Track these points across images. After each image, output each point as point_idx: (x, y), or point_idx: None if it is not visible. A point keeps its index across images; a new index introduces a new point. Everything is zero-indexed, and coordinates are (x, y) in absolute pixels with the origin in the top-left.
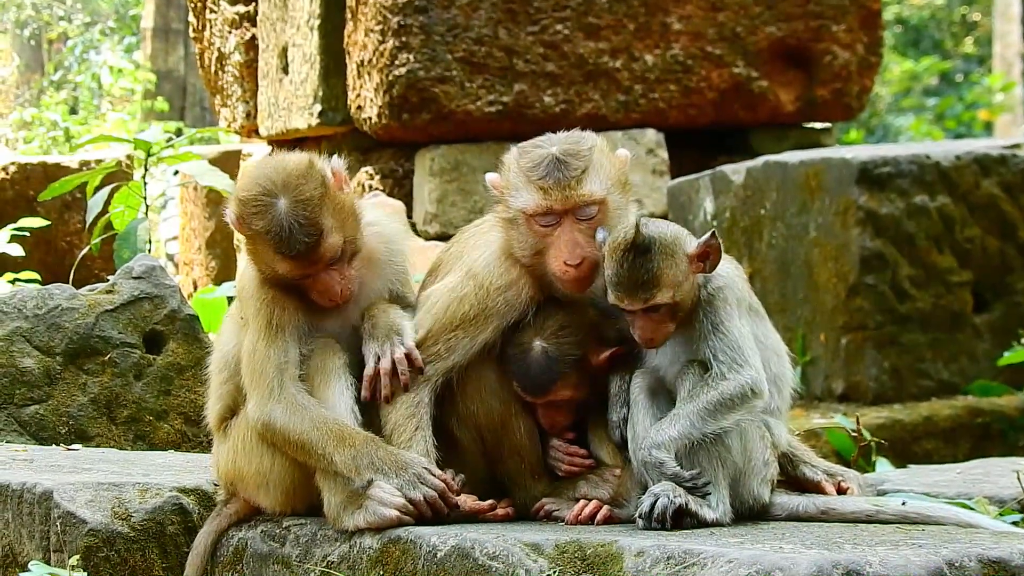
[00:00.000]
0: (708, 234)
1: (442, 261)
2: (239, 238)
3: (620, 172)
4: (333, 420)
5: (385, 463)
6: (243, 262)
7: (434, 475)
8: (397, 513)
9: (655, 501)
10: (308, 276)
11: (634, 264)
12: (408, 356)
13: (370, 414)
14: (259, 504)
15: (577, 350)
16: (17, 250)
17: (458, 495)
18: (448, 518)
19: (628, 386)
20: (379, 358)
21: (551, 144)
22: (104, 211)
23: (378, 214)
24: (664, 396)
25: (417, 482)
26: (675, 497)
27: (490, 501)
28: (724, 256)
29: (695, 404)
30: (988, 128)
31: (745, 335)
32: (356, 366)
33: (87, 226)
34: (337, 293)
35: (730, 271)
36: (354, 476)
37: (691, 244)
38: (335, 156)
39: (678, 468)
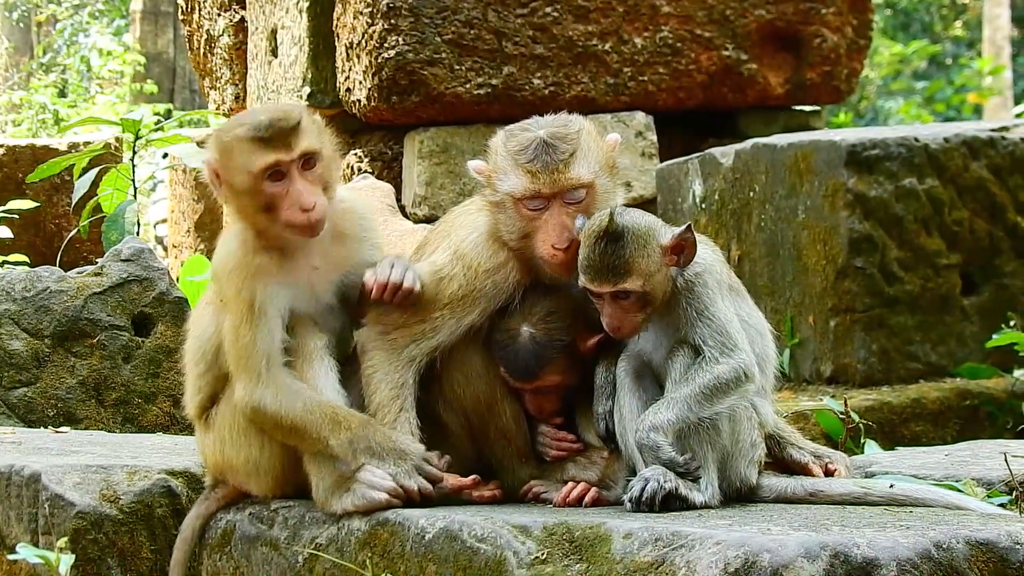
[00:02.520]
0: (683, 227)
1: (428, 240)
2: (222, 197)
3: (608, 156)
4: (327, 403)
5: (383, 449)
6: (221, 240)
7: (432, 465)
8: (387, 496)
9: (645, 485)
10: (282, 173)
11: (606, 250)
12: (413, 291)
13: (352, 395)
14: (249, 491)
15: (565, 336)
16: (5, 232)
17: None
18: (433, 499)
19: (613, 378)
20: (392, 266)
21: (539, 127)
22: (92, 193)
23: (348, 192)
24: (649, 379)
25: (414, 472)
26: (665, 482)
27: (472, 476)
28: (702, 240)
29: (690, 387)
30: (977, 111)
31: (731, 318)
32: (334, 348)
33: (73, 207)
34: (310, 203)
35: (708, 256)
36: (350, 460)
37: (666, 236)
38: None
39: (673, 453)
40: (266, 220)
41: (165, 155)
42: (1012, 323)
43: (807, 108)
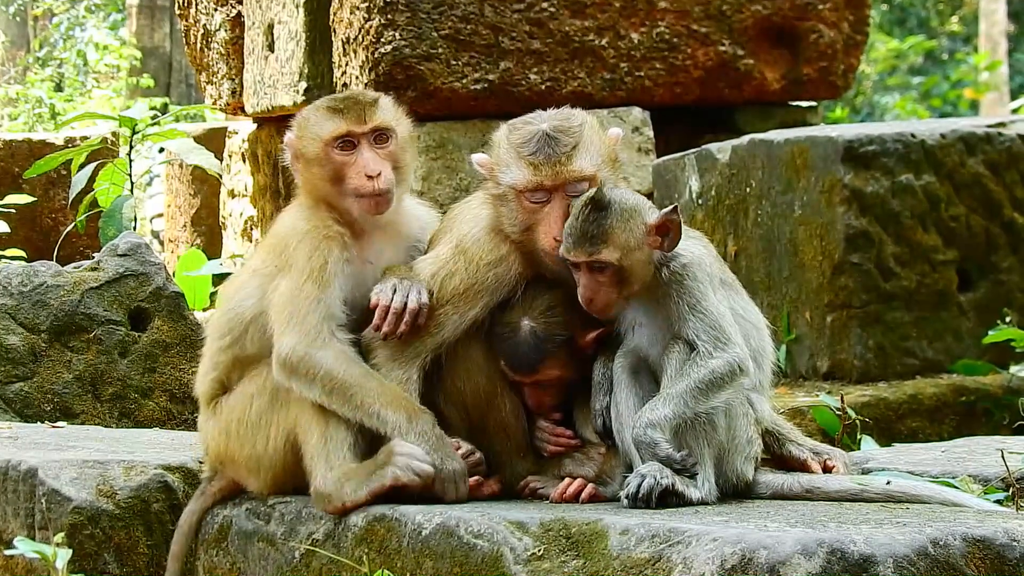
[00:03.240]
0: (670, 207)
1: (434, 236)
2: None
3: (610, 150)
4: (388, 383)
5: (435, 442)
6: (287, 213)
7: (467, 483)
8: (432, 470)
9: (642, 482)
10: (353, 143)
11: (588, 218)
12: (420, 310)
13: None
14: (247, 486)
15: (565, 330)
16: (2, 227)
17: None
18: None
19: (611, 374)
20: (395, 290)
21: (542, 121)
22: (89, 188)
23: (418, 203)
24: (646, 375)
25: (451, 480)
26: (662, 478)
27: (476, 477)
28: (691, 233)
29: (685, 383)
30: (974, 107)
31: (723, 312)
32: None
33: (70, 202)
34: (375, 170)
35: (696, 248)
36: (396, 437)
37: (652, 216)
38: None
39: (670, 450)
40: (335, 192)
41: (161, 150)
42: (1008, 319)
43: (804, 104)
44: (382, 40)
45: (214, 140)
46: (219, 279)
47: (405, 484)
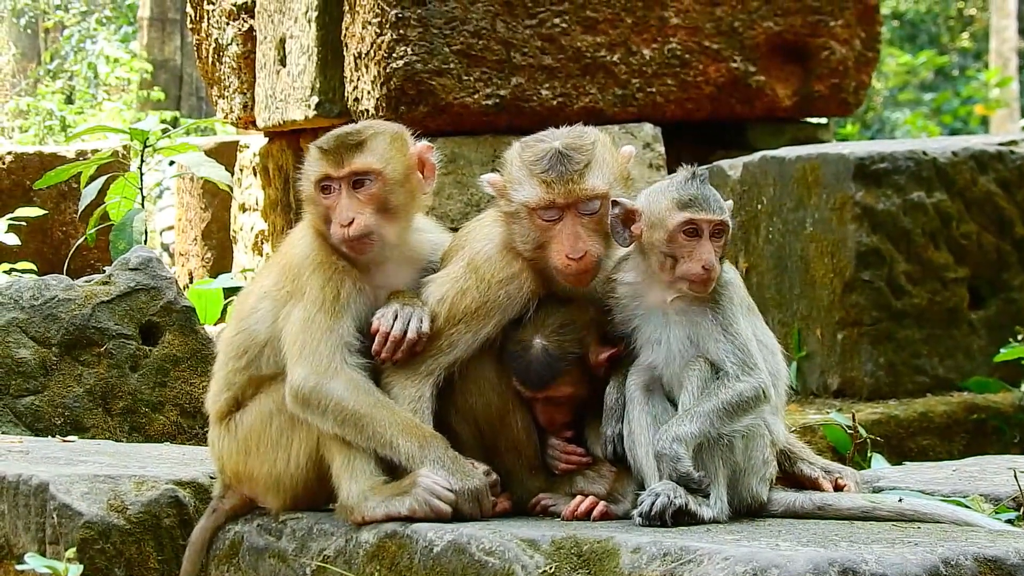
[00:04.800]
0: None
1: (446, 253)
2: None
3: (623, 167)
4: (400, 409)
5: (456, 464)
6: (295, 236)
7: (489, 498)
8: (449, 509)
9: (655, 500)
10: (333, 183)
11: (706, 187)
12: (419, 339)
13: None
14: (264, 504)
15: (577, 348)
16: (13, 239)
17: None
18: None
19: (623, 399)
20: (396, 317)
21: (554, 138)
22: (99, 201)
23: (430, 223)
24: (659, 394)
25: (474, 499)
26: (675, 498)
27: (491, 499)
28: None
29: (713, 403)
30: (984, 123)
31: (750, 337)
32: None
33: (80, 215)
34: (346, 219)
35: (731, 270)
36: (408, 466)
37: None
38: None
39: (691, 467)
40: (327, 231)
41: (172, 163)
42: (1020, 337)
43: (815, 120)
44: (394, 55)
45: (225, 154)
46: (230, 293)
47: (420, 518)
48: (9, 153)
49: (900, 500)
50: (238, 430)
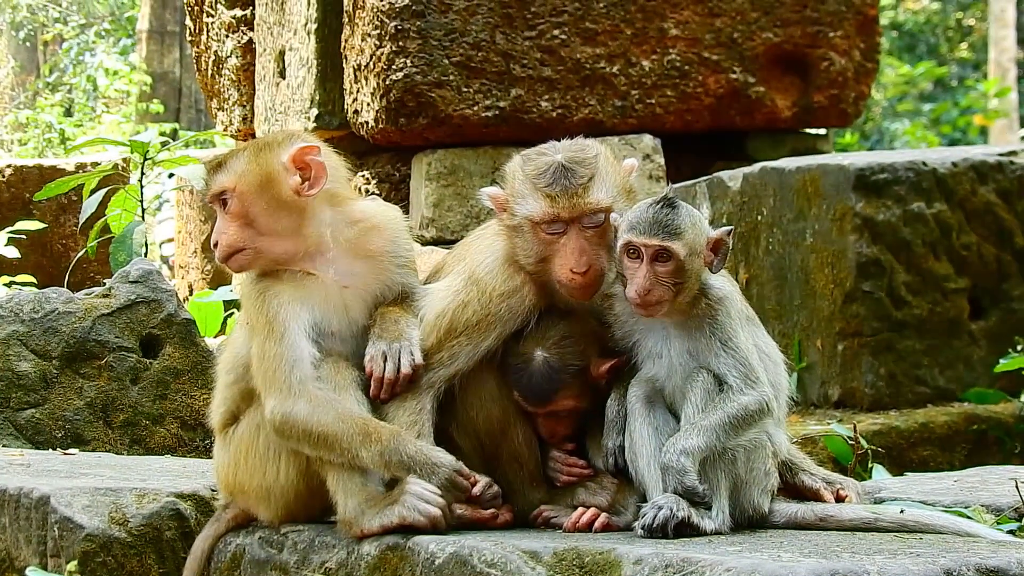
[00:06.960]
0: (725, 228)
1: (445, 263)
2: None
3: (625, 180)
4: (358, 415)
5: (416, 461)
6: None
7: (464, 477)
8: (440, 512)
9: (658, 512)
10: (212, 204)
11: (660, 211)
12: (414, 372)
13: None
14: (258, 516)
15: (579, 361)
16: (13, 252)
17: (490, 508)
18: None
19: (625, 412)
20: (386, 358)
21: (556, 152)
22: (100, 214)
23: (369, 206)
24: (660, 406)
25: (449, 486)
26: (678, 510)
27: (491, 511)
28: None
29: (718, 416)
30: (983, 133)
31: (751, 349)
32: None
33: (80, 227)
34: (214, 240)
35: (726, 284)
36: (382, 473)
37: (711, 230)
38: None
39: (697, 481)
40: None
41: (171, 175)
42: (1020, 348)
43: (815, 131)
44: (393, 67)
45: None
46: (230, 305)
47: (412, 524)
48: (8, 166)
49: (902, 511)
50: (232, 443)
